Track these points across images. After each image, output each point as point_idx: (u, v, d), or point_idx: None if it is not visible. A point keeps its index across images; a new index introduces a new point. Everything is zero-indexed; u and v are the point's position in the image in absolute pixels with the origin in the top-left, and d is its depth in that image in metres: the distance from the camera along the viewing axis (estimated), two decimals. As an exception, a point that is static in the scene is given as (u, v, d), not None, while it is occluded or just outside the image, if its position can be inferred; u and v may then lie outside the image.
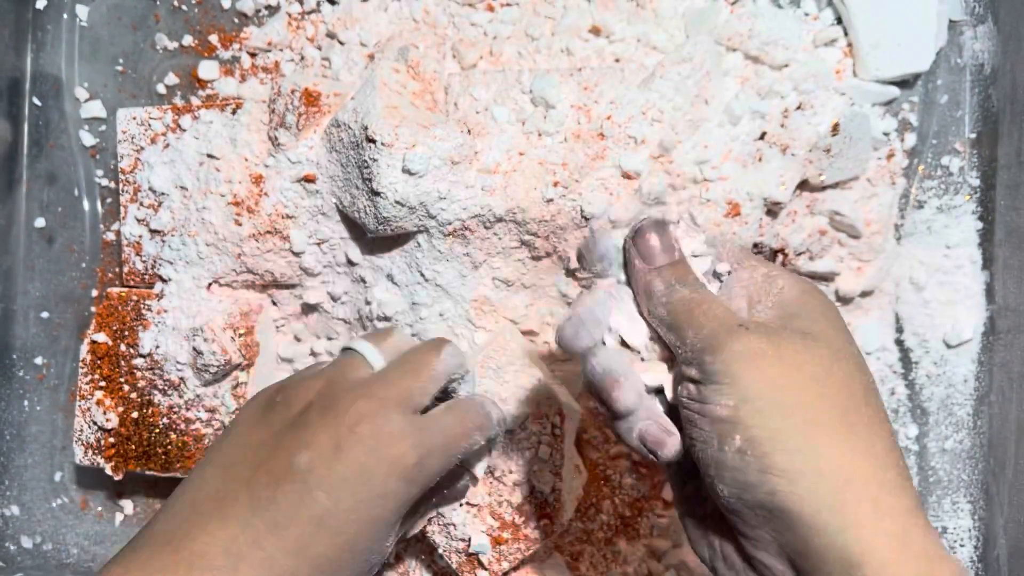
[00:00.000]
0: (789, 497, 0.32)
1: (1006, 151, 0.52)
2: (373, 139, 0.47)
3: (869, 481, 0.32)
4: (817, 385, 0.33)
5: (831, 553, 0.31)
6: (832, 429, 0.32)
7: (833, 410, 0.33)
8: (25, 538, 0.61)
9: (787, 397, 0.33)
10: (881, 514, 0.31)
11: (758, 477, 0.32)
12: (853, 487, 0.31)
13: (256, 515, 0.38)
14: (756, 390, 0.33)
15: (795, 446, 0.32)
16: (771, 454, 0.32)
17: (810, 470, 0.32)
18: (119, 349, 0.55)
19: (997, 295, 0.52)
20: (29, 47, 0.60)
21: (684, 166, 0.48)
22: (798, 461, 0.32)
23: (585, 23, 0.52)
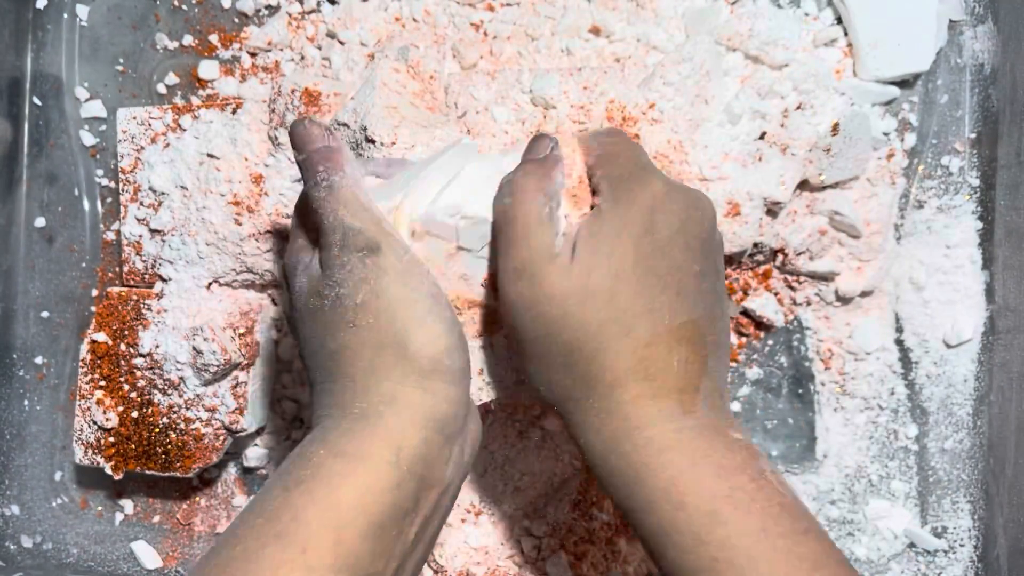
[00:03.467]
0: (555, 322, 0.38)
1: (1006, 151, 0.52)
2: (373, 139, 0.47)
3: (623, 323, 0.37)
4: (685, 226, 0.39)
5: (590, 373, 0.37)
6: (686, 268, 0.38)
7: (693, 249, 0.39)
8: (25, 537, 0.61)
9: (659, 221, 0.38)
10: (631, 341, 0.37)
11: (576, 289, 0.38)
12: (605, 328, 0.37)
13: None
14: (637, 206, 0.38)
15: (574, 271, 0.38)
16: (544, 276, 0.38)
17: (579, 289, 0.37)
18: (119, 349, 0.55)
19: (997, 295, 0.52)
20: (29, 47, 0.60)
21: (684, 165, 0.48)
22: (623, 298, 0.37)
23: (585, 23, 0.52)
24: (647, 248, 0.37)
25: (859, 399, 0.54)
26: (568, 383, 0.38)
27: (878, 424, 0.54)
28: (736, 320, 0.54)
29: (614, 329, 0.37)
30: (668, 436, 0.36)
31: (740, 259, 0.52)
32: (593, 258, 0.37)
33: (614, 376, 0.37)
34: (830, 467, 0.54)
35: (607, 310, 0.37)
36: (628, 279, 0.37)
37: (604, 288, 0.37)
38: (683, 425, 0.37)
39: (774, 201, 0.49)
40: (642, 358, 0.37)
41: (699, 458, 0.36)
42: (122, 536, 0.61)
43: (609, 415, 0.37)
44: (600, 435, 0.37)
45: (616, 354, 0.37)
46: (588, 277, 0.37)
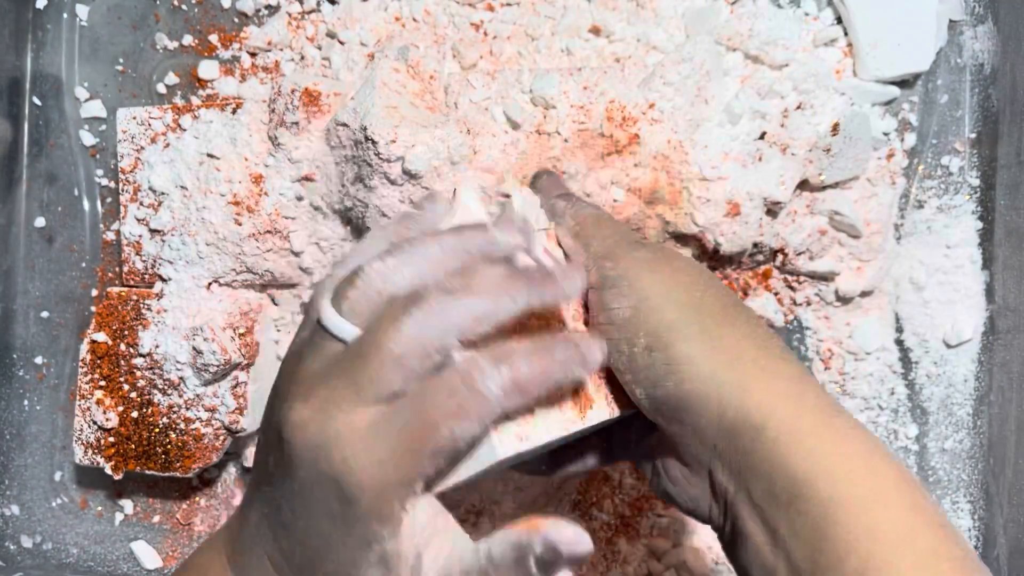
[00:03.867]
0: (694, 382, 0.35)
1: (1006, 151, 0.52)
2: (373, 139, 0.47)
3: (757, 356, 0.35)
4: (699, 285, 0.37)
5: (738, 424, 0.34)
6: (718, 318, 0.36)
7: (715, 304, 0.37)
8: (25, 537, 0.61)
9: (678, 294, 0.36)
10: (774, 378, 0.34)
11: (665, 369, 0.35)
12: (743, 361, 0.35)
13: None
14: (652, 290, 0.37)
15: (690, 334, 0.35)
16: (672, 344, 0.35)
17: (707, 352, 0.35)
18: (119, 349, 0.55)
19: (997, 295, 0.52)
20: (29, 47, 0.60)
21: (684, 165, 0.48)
22: (695, 347, 0.35)
23: (585, 23, 0.52)
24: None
25: (859, 399, 0.54)
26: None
27: (878, 424, 0.54)
28: (736, 320, 0.54)
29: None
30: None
31: (740, 259, 0.52)
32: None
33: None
34: (830, 467, 0.54)
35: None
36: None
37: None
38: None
39: (774, 201, 0.49)
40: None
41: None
42: (122, 536, 0.61)
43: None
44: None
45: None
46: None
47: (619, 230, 0.40)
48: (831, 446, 0.33)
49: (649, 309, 0.36)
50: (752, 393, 0.34)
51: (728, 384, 0.34)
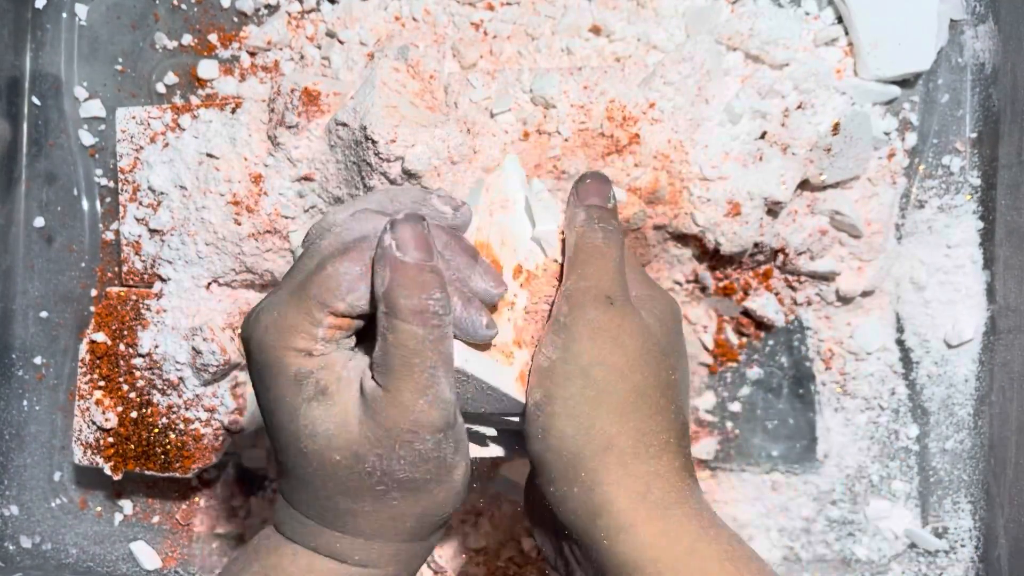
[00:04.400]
0: (556, 454, 0.36)
1: (1007, 151, 0.52)
2: (373, 138, 0.47)
3: (624, 451, 0.36)
4: (628, 368, 0.37)
5: (581, 506, 0.36)
6: (615, 407, 0.36)
7: (627, 392, 0.36)
8: (24, 538, 0.61)
9: (598, 373, 0.36)
10: (628, 475, 0.35)
11: (541, 432, 0.37)
12: (611, 453, 0.36)
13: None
14: (578, 357, 0.36)
15: (578, 413, 0.36)
16: (557, 415, 0.36)
17: (581, 437, 0.36)
18: (118, 349, 0.55)
19: (998, 295, 0.52)
20: (28, 46, 0.60)
21: (684, 165, 0.48)
22: (573, 427, 0.36)
23: (585, 22, 0.52)
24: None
25: (860, 399, 0.54)
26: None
27: (879, 424, 0.54)
28: (737, 320, 0.54)
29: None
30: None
31: (740, 259, 0.52)
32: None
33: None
34: (831, 467, 0.54)
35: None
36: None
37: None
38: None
39: (775, 201, 0.49)
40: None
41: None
42: (121, 536, 0.61)
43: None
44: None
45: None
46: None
47: (601, 277, 0.38)
48: (657, 536, 0.35)
49: (560, 372, 0.37)
50: (600, 485, 0.35)
51: (582, 471, 0.36)
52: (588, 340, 0.37)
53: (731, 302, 0.54)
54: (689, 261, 0.52)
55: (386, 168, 0.47)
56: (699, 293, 0.54)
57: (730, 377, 0.55)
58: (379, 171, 0.47)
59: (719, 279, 0.53)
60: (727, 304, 0.54)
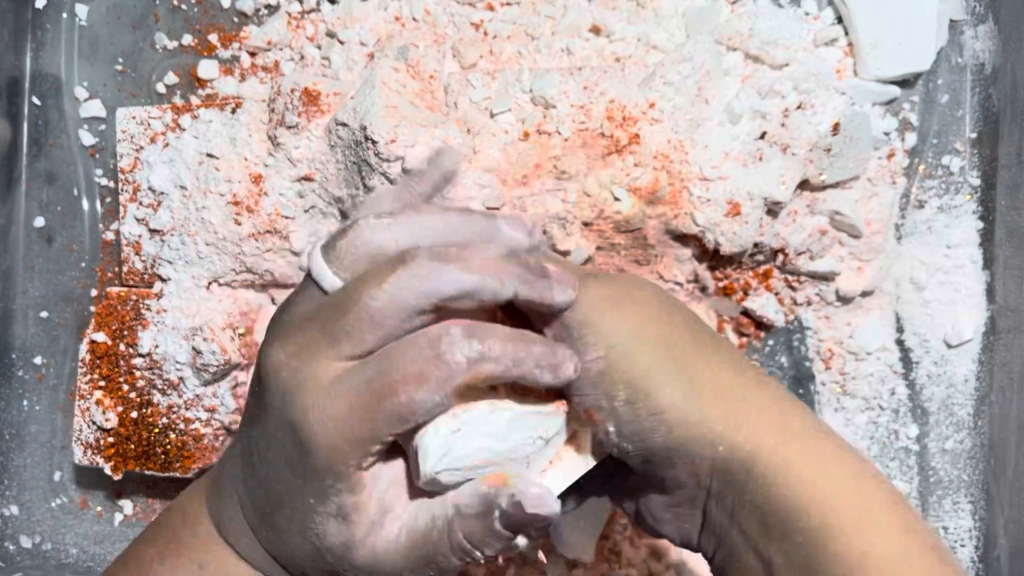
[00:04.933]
0: (683, 428, 0.33)
1: (1007, 151, 0.52)
2: (372, 138, 0.47)
3: (735, 385, 0.34)
4: (664, 315, 0.35)
5: (730, 462, 0.33)
6: (691, 351, 0.34)
7: (685, 335, 0.34)
8: (24, 538, 0.61)
9: (646, 332, 0.34)
10: (759, 409, 0.33)
11: (652, 421, 0.33)
12: (727, 394, 0.33)
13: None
14: (619, 332, 0.33)
15: (669, 377, 0.33)
16: (654, 392, 0.33)
17: (691, 393, 0.33)
18: (118, 349, 0.55)
19: (998, 295, 0.52)
20: (28, 46, 0.60)
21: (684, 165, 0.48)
22: (678, 391, 0.33)
23: (585, 22, 0.52)
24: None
25: (860, 399, 0.54)
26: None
27: (879, 424, 0.54)
28: (736, 320, 0.54)
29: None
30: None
31: (740, 259, 0.52)
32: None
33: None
34: (830, 467, 0.54)
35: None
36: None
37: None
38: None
39: (774, 201, 0.49)
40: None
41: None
42: (121, 536, 0.61)
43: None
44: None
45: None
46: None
47: (574, 273, 0.35)
48: (819, 474, 0.32)
49: (621, 357, 0.33)
50: (740, 428, 0.33)
51: (716, 423, 0.33)
52: (612, 313, 0.34)
53: (731, 302, 0.54)
54: (689, 261, 0.52)
55: (386, 168, 0.47)
56: (699, 293, 0.54)
57: (730, 377, 0.55)
58: (379, 171, 0.47)
59: (719, 279, 0.53)
60: (727, 304, 0.54)
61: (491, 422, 0.33)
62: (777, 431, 0.33)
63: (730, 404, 0.33)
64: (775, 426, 0.33)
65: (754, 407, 0.33)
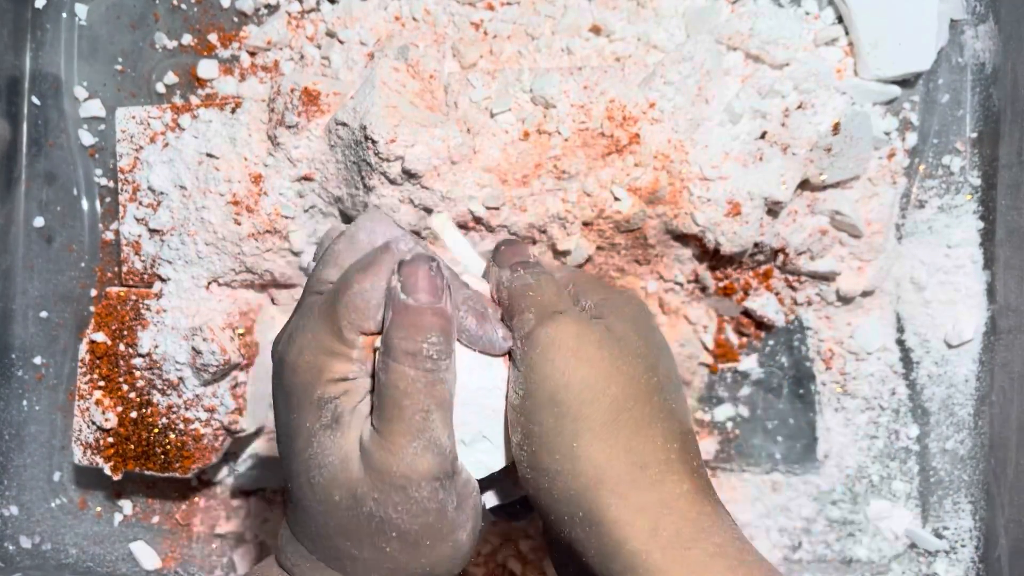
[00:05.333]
0: (549, 494, 0.34)
1: (1007, 150, 0.52)
2: (372, 138, 0.47)
3: (621, 479, 0.33)
4: (600, 382, 0.34)
5: (590, 546, 0.33)
6: (596, 431, 0.33)
7: (607, 411, 0.34)
8: (24, 538, 0.61)
9: (567, 396, 0.34)
10: (631, 509, 0.33)
11: (530, 473, 0.34)
12: (604, 485, 0.33)
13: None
14: (541, 385, 0.34)
15: (558, 447, 0.33)
16: (538, 452, 0.34)
17: (568, 470, 0.33)
18: (118, 349, 0.55)
19: (998, 295, 0.52)
20: (28, 46, 0.60)
21: (684, 165, 0.48)
22: (558, 461, 0.33)
23: (585, 22, 0.52)
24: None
25: (860, 399, 0.54)
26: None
27: (879, 424, 0.54)
28: (737, 320, 0.54)
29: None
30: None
31: (740, 259, 0.52)
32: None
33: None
34: (831, 467, 0.54)
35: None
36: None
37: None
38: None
39: (775, 201, 0.49)
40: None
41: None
42: (121, 537, 0.61)
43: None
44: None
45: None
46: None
47: (540, 301, 0.36)
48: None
49: (530, 407, 0.34)
50: (604, 523, 0.33)
51: (581, 510, 0.33)
52: (547, 363, 0.34)
53: (731, 302, 0.53)
54: (689, 261, 0.52)
55: (386, 168, 0.47)
56: (699, 293, 0.54)
57: (730, 377, 0.55)
58: (379, 171, 0.47)
59: (719, 279, 0.53)
60: (727, 304, 0.54)
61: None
62: (643, 535, 0.32)
63: (602, 496, 0.33)
64: (642, 531, 0.32)
65: (628, 506, 0.33)
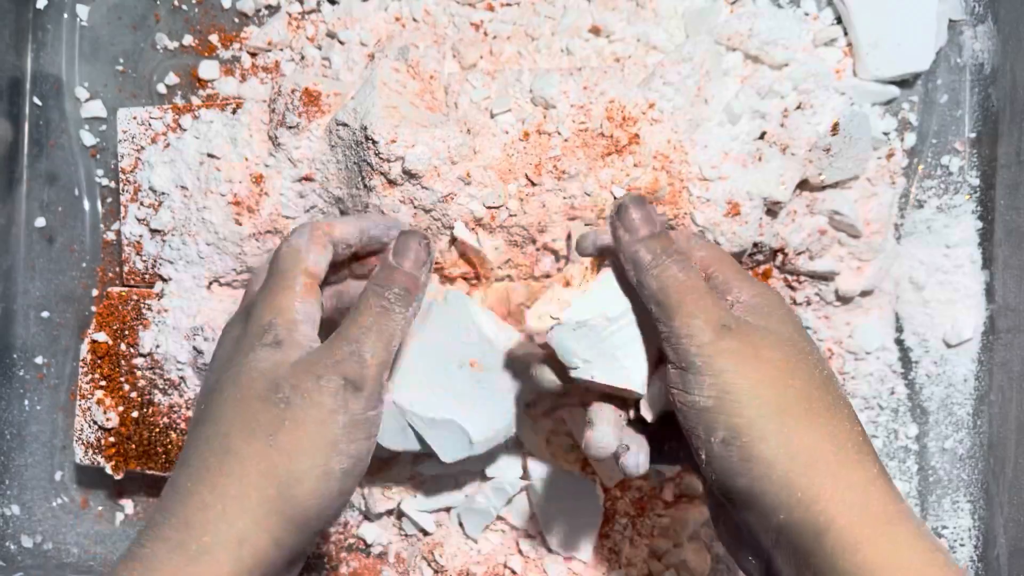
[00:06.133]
0: (767, 481, 0.35)
1: (1006, 150, 0.52)
2: (373, 138, 0.47)
3: (830, 460, 0.35)
4: (785, 377, 0.37)
5: (804, 526, 0.35)
6: (799, 416, 0.36)
7: (799, 400, 0.36)
8: (25, 537, 0.61)
9: (762, 390, 0.36)
10: (843, 486, 0.35)
11: (741, 465, 0.36)
12: (817, 466, 0.35)
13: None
14: (735, 384, 0.36)
15: (770, 434, 0.36)
16: (751, 443, 0.36)
17: (783, 455, 0.35)
18: (119, 348, 0.55)
19: (997, 294, 0.52)
20: (29, 47, 0.60)
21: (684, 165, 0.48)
22: (773, 448, 0.35)
23: (585, 23, 0.52)
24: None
25: (859, 399, 0.54)
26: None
27: (878, 423, 0.54)
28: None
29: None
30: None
31: (740, 259, 0.52)
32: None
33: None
34: (830, 467, 0.54)
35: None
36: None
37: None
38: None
39: (774, 201, 0.49)
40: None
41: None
42: (123, 536, 0.61)
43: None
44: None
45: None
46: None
47: (705, 310, 0.38)
48: (887, 557, 0.33)
49: (730, 404, 0.36)
50: (818, 500, 0.34)
51: (797, 489, 0.35)
52: (735, 367, 0.36)
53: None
54: (689, 261, 0.52)
55: (386, 168, 0.47)
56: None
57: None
58: (379, 171, 0.47)
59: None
60: (727, 304, 0.54)
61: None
62: (854, 511, 0.34)
63: (816, 476, 0.35)
64: (854, 506, 0.34)
65: (840, 484, 0.35)
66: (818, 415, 0.36)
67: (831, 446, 0.36)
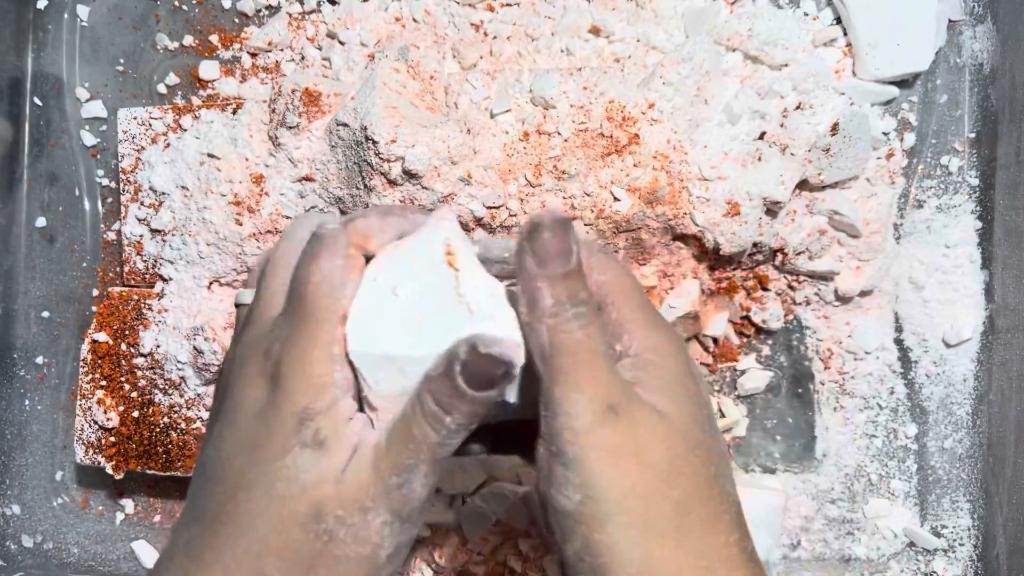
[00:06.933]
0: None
1: (1005, 151, 0.52)
2: (373, 139, 0.47)
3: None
4: (664, 487, 0.32)
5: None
6: (667, 536, 0.32)
7: (673, 515, 0.32)
8: (26, 537, 0.61)
9: (632, 503, 0.32)
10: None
11: (585, 570, 0.32)
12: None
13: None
14: (604, 492, 0.32)
15: (630, 558, 0.31)
16: (609, 564, 0.32)
17: (639, 572, 0.31)
18: (120, 348, 0.55)
19: (996, 294, 0.53)
20: (30, 47, 0.60)
21: (684, 165, 0.48)
22: (628, 565, 0.31)
23: (585, 23, 0.52)
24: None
25: (859, 398, 0.54)
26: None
27: (878, 423, 0.54)
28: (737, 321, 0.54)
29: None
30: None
31: (740, 259, 0.52)
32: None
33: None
34: (830, 466, 0.54)
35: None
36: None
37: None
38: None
39: (774, 201, 0.49)
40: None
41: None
42: (123, 536, 0.61)
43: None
44: None
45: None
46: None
47: (595, 384, 0.32)
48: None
49: (592, 513, 0.32)
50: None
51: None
52: (610, 468, 0.32)
53: (731, 302, 0.54)
54: (689, 261, 0.52)
55: (386, 168, 0.47)
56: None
57: (730, 377, 0.55)
58: (379, 171, 0.48)
59: (719, 279, 0.53)
60: (727, 304, 0.54)
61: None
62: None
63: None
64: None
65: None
66: (690, 532, 0.32)
67: (695, 571, 0.32)
